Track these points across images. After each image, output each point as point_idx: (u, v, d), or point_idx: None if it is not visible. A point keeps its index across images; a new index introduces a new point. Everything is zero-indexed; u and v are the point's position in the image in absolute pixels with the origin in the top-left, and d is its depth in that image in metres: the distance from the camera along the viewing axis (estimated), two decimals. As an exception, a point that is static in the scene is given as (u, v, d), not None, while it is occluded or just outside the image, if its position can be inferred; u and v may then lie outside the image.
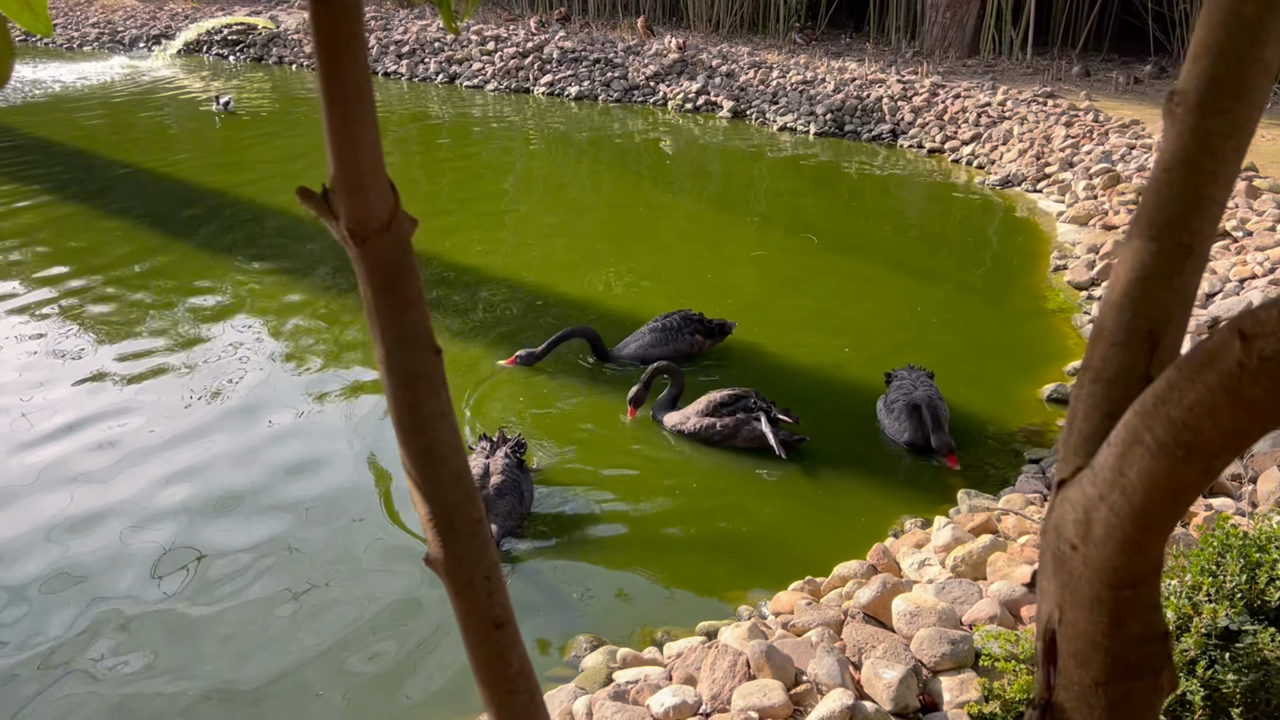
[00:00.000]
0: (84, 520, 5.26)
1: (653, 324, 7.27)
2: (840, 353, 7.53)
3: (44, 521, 5.23)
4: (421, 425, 1.42)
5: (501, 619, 1.38)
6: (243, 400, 6.53)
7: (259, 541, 5.12)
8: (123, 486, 5.57)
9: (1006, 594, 3.54)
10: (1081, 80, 15.34)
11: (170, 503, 5.43)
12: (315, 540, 5.15)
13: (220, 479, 5.67)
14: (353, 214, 1.41)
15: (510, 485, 5.25)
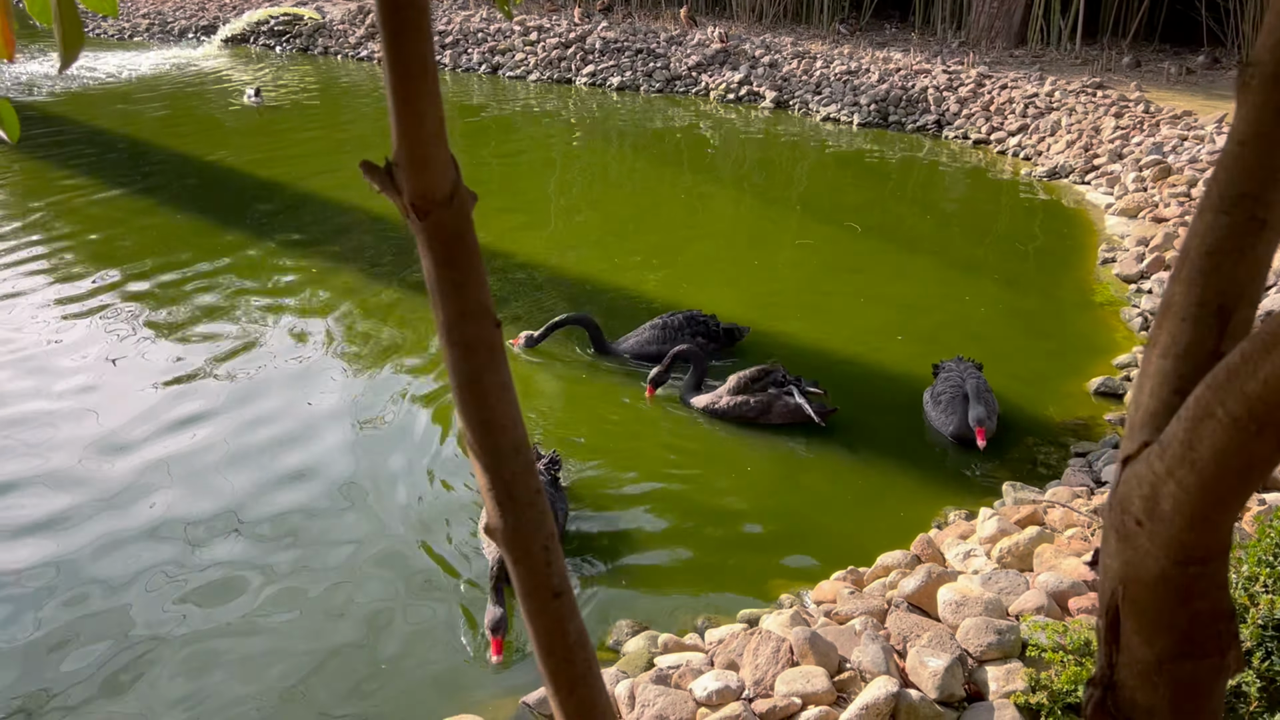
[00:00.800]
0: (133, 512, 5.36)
1: (654, 321, 7.10)
2: (885, 343, 7.48)
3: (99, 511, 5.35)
4: (482, 397, 1.44)
5: (560, 588, 1.39)
6: (290, 387, 6.62)
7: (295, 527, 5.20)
8: (179, 477, 5.67)
9: (1054, 585, 3.50)
10: (1132, 71, 15.08)
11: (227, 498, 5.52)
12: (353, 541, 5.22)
13: (270, 467, 5.75)
14: (416, 188, 1.43)
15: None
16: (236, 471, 5.63)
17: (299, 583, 4.76)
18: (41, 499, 5.34)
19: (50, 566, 4.81)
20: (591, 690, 1.37)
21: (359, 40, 19.09)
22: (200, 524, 5.17)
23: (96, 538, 5.03)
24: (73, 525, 5.12)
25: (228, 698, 4.06)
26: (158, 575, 4.77)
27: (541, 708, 3.96)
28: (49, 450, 5.79)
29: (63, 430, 6.00)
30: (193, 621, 4.48)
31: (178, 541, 5.02)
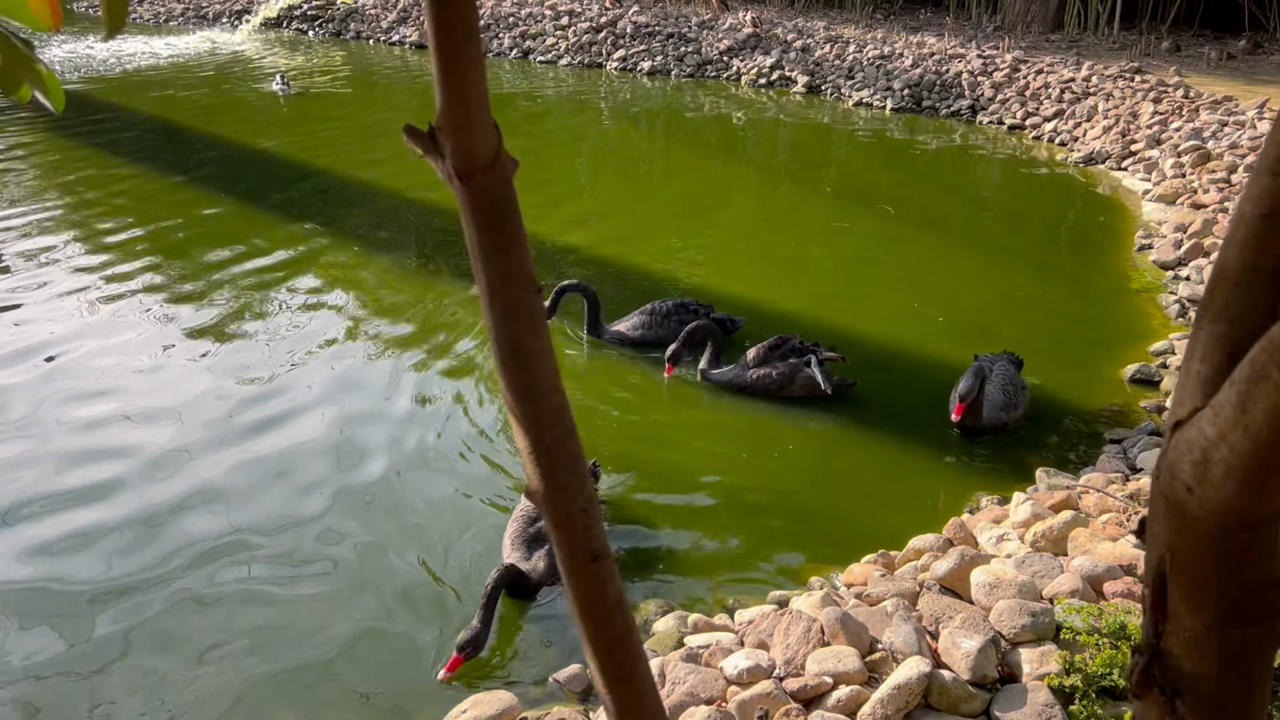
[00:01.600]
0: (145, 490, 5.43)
1: (645, 308, 7.02)
2: (921, 326, 7.42)
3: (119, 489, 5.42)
4: (523, 362, 1.45)
5: (599, 551, 1.40)
6: (321, 372, 6.67)
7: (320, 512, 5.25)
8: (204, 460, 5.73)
9: (1089, 569, 3.47)
10: (1171, 56, 14.84)
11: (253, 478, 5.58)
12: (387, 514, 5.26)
13: (301, 451, 5.81)
14: (459, 151, 1.43)
15: None
16: (269, 456, 5.69)
17: (333, 563, 4.80)
18: (86, 482, 5.42)
19: (92, 539, 4.89)
20: (631, 653, 1.38)
21: (391, 25, 19.14)
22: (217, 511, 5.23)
23: (135, 511, 5.10)
24: (98, 505, 5.20)
25: (257, 673, 4.11)
26: (210, 549, 4.84)
27: (571, 684, 3.98)
28: (91, 434, 5.88)
29: (94, 411, 6.08)
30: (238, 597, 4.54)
31: (207, 516, 5.08)
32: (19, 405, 6.06)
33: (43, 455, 5.56)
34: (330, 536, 4.97)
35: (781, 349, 6.33)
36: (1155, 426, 5.94)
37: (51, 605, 4.45)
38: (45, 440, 5.71)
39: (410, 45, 18.58)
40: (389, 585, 4.63)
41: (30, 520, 5.01)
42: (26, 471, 5.41)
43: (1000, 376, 6.04)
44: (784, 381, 6.28)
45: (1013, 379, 6.08)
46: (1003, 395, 5.92)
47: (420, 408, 6.18)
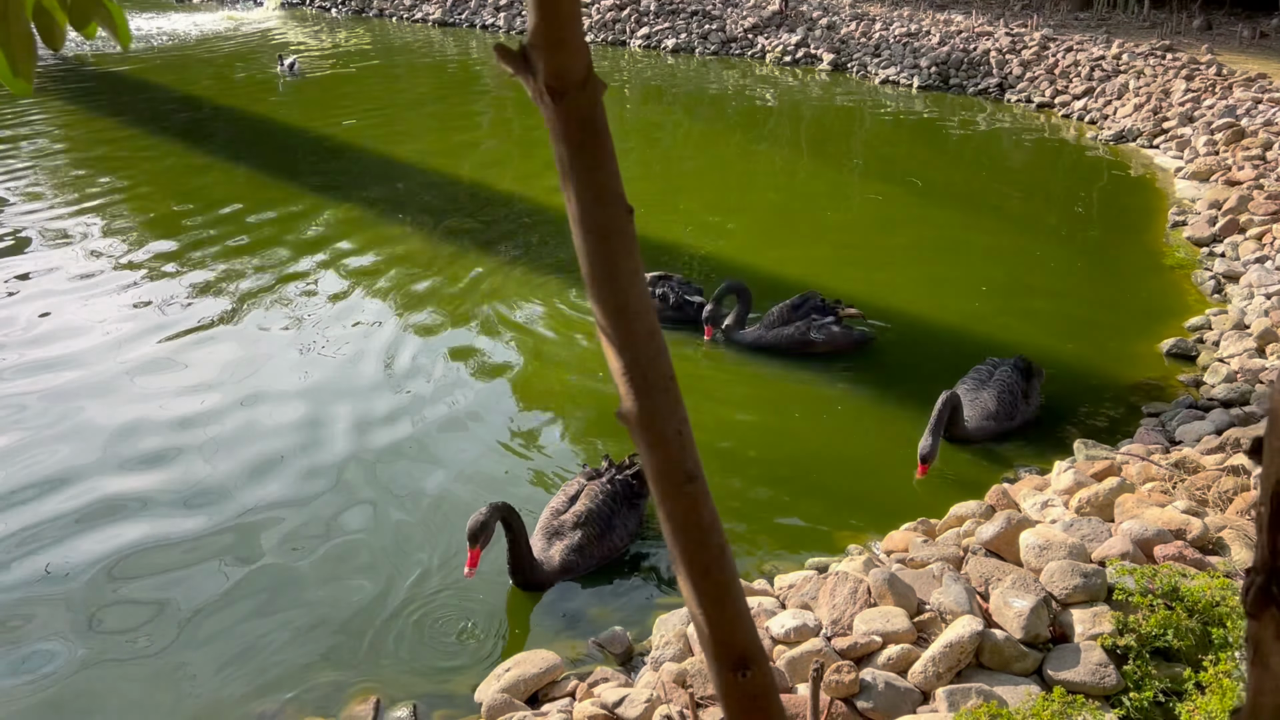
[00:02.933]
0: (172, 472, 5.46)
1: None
2: (950, 298, 7.37)
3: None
4: (616, 282, 1.43)
5: (694, 472, 1.38)
6: (346, 346, 6.69)
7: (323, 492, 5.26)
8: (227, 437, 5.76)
9: (1139, 532, 3.44)
10: (1202, 34, 14.65)
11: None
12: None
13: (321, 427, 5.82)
14: (552, 69, 1.41)
15: (596, 516, 4.54)
16: (290, 428, 5.71)
17: (361, 538, 4.83)
18: (113, 466, 5.45)
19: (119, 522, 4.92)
20: (726, 574, 1.36)
21: (414, 3, 19.09)
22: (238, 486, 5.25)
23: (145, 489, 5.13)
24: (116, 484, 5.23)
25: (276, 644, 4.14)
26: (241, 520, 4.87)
27: (611, 645, 3.99)
28: (115, 411, 5.90)
29: (122, 390, 6.11)
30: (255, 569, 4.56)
31: (225, 494, 5.11)
32: (58, 386, 6.10)
33: (68, 439, 5.60)
34: (364, 515, 4.99)
35: (803, 307, 6.43)
36: (1193, 400, 5.88)
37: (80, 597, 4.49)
38: (62, 425, 5.75)
39: (433, 23, 18.53)
40: (426, 556, 4.64)
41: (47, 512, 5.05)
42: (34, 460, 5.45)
43: (998, 384, 5.67)
44: (803, 339, 6.39)
45: (1012, 388, 5.65)
46: (995, 403, 5.56)
47: (447, 385, 6.19)
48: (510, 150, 11.34)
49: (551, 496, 4.83)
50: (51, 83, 13.71)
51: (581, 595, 4.41)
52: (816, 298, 6.52)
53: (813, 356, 6.43)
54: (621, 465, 4.93)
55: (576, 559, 4.44)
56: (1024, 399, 5.69)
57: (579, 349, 6.58)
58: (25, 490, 4.96)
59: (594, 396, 6.06)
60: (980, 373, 5.87)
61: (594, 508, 4.57)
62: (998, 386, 5.67)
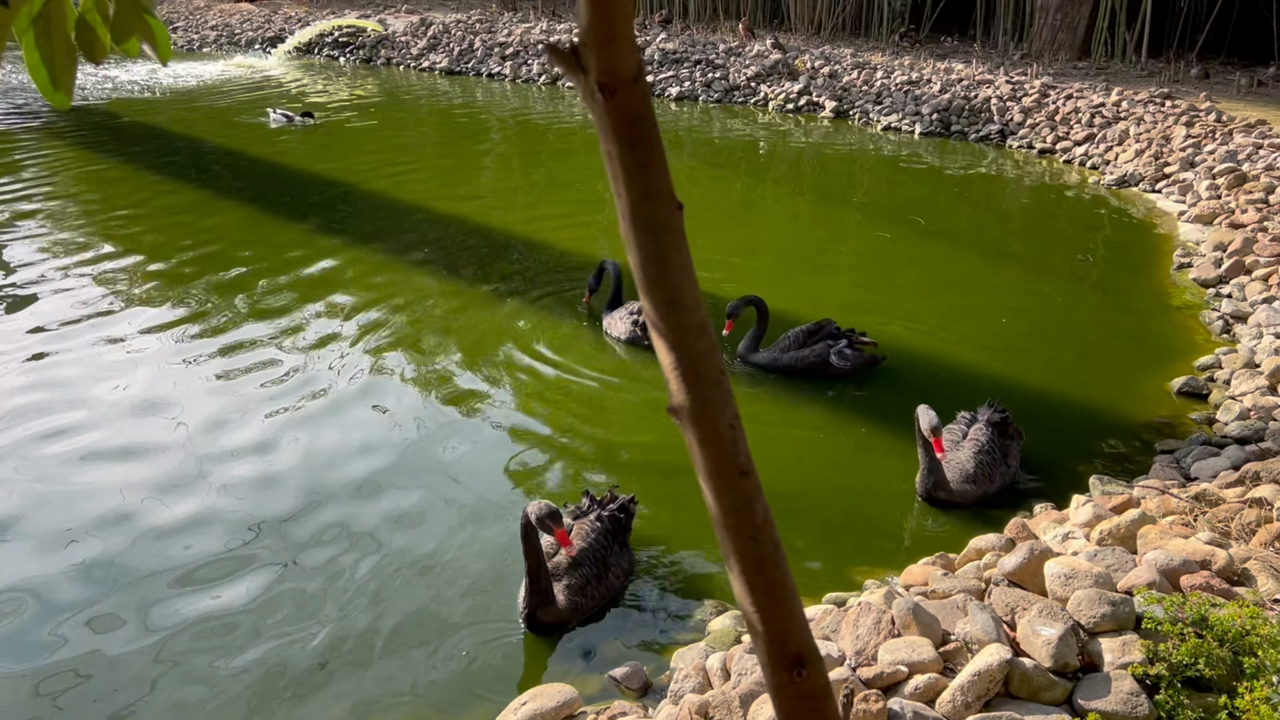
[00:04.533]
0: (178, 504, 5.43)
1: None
2: (957, 336, 7.39)
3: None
4: (667, 276, 1.43)
5: (747, 466, 1.37)
6: (347, 388, 6.69)
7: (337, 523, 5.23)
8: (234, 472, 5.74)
9: (1165, 562, 3.41)
10: (1200, 82, 14.84)
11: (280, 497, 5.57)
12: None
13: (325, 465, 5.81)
14: (603, 66, 1.42)
15: (592, 555, 4.42)
16: (299, 463, 5.69)
17: (368, 575, 4.79)
18: (127, 495, 5.43)
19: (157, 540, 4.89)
20: (780, 570, 1.35)
21: (421, 51, 19.35)
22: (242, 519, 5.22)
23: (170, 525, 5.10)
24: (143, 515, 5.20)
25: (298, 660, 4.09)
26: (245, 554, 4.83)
27: (629, 681, 3.93)
28: (124, 447, 5.89)
29: (127, 430, 6.09)
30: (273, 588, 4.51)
31: (236, 527, 5.08)
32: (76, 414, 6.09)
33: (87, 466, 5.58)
34: (379, 540, 4.96)
35: (819, 334, 6.68)
36: (1207, 437, 5.86)
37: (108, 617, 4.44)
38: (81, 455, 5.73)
39: (440, 71, 18.77)
40: (440, 582, 4.60)
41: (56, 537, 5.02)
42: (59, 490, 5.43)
43: (974, 444, 5.35)
44: (821, 362, 6.59)
45: (990, 448, 5.32)
46: (973, 465, 5.24)
47: (457, 414, 6.19)
48: (515, 194, 11.42)
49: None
50: (61, 127, 13.85)
51: (593, 633, 4.36)
52: (832, 325, 6.75)
53: (823, 381, 6.62)
54: (604, 500, 4.81)
55: (579, 600, 4.32)
56: (1003, 460, 5.37)
57: (583, 387, 6.59)
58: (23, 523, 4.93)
59: (596, 440, 6.04)
60: (954, 431, 5.60)
61: (588, 546, 4.44)
62: (974, 446, 5.34)
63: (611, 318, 7.32)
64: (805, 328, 6.74)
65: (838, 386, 6.65)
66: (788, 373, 6.68)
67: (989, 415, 5.58)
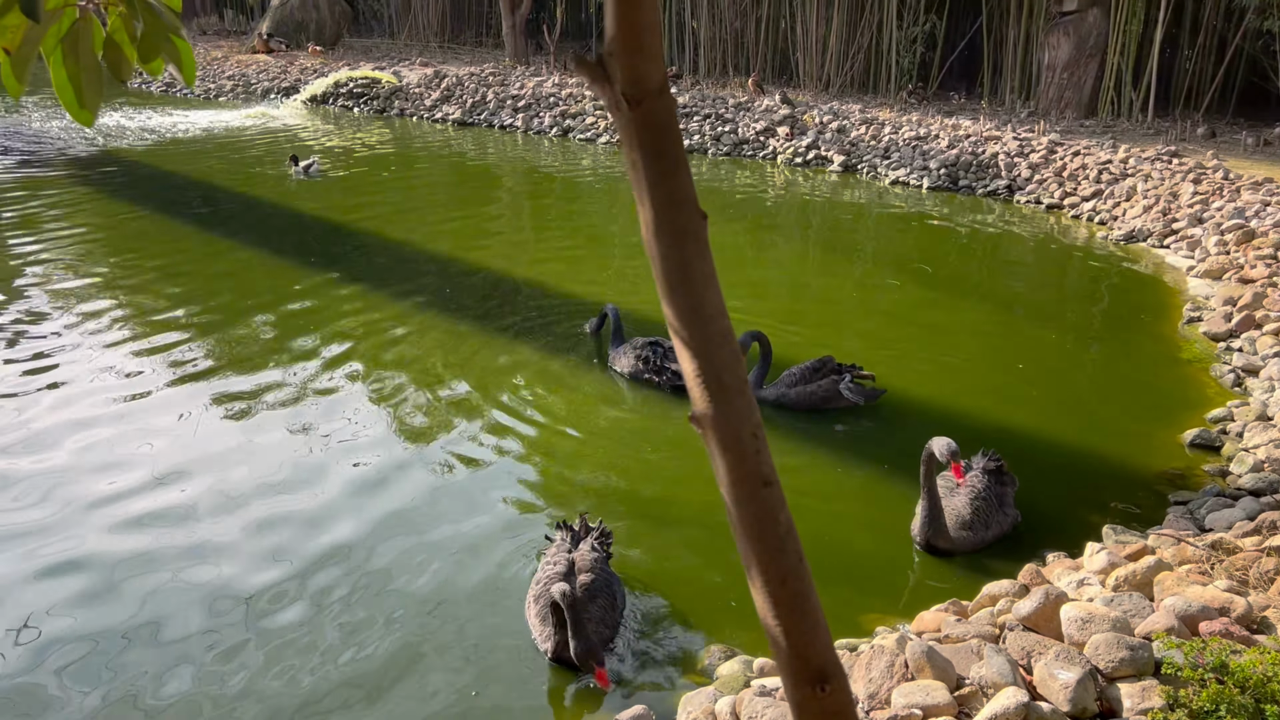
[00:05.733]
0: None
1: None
2: (964, 384, 7.38)
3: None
4: (690, 284, 1.42)
5: (770, 477, 1.35)
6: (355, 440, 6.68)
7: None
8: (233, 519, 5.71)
9: (1183, 609, 3.35)
10: (1207, 141, 14.96)
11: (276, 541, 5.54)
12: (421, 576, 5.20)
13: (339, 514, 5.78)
14: (629, 76, 1.43)
15: (602, 585, 4.44)
16: (312, 509, 5.66)
17: (377, 616, 4.74)
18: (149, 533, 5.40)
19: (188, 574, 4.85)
20: (804, 583, 1.32)
21: (434, 103, 19.61)
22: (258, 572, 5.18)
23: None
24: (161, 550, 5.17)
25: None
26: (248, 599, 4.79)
27: (636, 726, 3.85)
28: (139, 487, 5.88)
29: (140, 471, 6.09)
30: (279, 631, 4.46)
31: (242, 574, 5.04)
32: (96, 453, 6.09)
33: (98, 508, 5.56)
34: (389, 576, 4.92)
35: (823, 370, 6.82)
36: (1221, 489, 5.82)
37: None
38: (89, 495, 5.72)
39: (453, 122, 19.00)
40: (447, 619, 4.56)
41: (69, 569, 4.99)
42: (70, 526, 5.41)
43: (970, 490, 5.33)
44: (829, 396, 6.75)
45: (985, 495, 5.31)
46: (970, 512, 5.21)
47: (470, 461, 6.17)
48: (524, 242, 11.49)
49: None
50: (77, 171, 14.01)
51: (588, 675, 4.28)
52: (832, 361, 6.90)
53: (826, 417, 6.77)
54: (581, 529, 4.77)
55: (605, 631, 4.29)
56: (999, 508, 5.34)
57: (591, 426, 6.58)
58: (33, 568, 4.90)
59: (602, 478, 6.01)
60: (949, 479, 5.54)
61: (598, 577, 4.42)
62: (969, 493, 5.31)
63: (617, 354, 7.44)
64: (808, 364, 6.89)
65: (845, 423, 6.74)
66: (795, 408, 6.80)
67: (984, 463, 5.56)
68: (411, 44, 27.06)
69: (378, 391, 7.01)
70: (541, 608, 4.35)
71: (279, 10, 26.16)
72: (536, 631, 4.36)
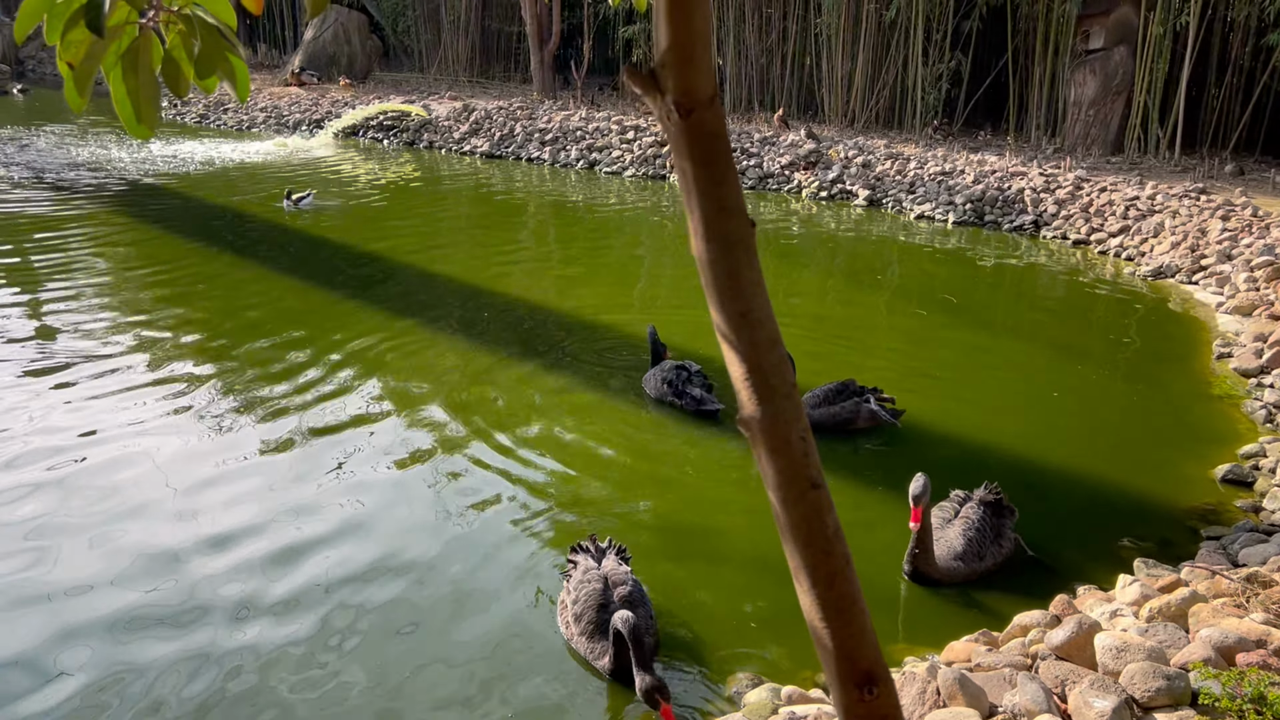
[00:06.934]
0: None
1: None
2: (992, 416, 7.35)
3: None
4: (740, 290, 1.45)
5: (818, 480, 1.36)
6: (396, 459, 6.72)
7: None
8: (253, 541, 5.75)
9: (1219, 640, 3.31)
10: (1235, 178, 14.91)
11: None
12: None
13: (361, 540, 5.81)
14: (680, 86, 1.46)
15: (640, 595, 4.53)
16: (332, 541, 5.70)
17: (409, 646, 4.75)
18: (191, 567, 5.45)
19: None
20: (852, 586, 1.33)
21: (463, 136, 19.86)
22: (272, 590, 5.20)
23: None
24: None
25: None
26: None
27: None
28: (173, 521, 5.93)
29: (172, 502, 6.14)
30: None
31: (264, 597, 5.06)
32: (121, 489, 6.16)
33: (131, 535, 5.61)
34: (418, 605, 4.93)
35: (845, 391, 6.96)
36: (1254, 525, 5.75)
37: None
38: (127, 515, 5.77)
39: (480, 155, 19.21)
40: (476, 643, 4.56)
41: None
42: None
43: (964, 521, 5.32)
44: (851, 416, 6.87)
45: (980, 526, 5.29)
46: (962, 543, 5.20)
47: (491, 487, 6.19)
48: (550, 272, 11.57)
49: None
50: (111, 198, 14.25)
51: (629, 705, 4.26)
52: (854, 384, 7.04)
53: (848, 439, 6.88)
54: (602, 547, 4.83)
55: (649, 640, 4.33)
56: (994, 539, 5.31)
57: (617, 456, 6.59)
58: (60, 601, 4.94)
59: (630, 506, 6.02)
60: (946, 509, 5.56)
61: (633, 589, 4.47)
62: (963, 525, 5.30)
63: (646, 376, 7.59)
64: (831, 386, 7.03)
65: (868, 446, 6.81)
66: (818, 429, 6.84)
67: (982, 494, 5.54)
68: (441, 78, 27.45)
69: (404, 413, 7.05)
70: (588, 624, 4.39)
71: (312, 44, 26.63)
72: (584, 649, 4.38)
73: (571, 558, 4.84)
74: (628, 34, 23.28)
